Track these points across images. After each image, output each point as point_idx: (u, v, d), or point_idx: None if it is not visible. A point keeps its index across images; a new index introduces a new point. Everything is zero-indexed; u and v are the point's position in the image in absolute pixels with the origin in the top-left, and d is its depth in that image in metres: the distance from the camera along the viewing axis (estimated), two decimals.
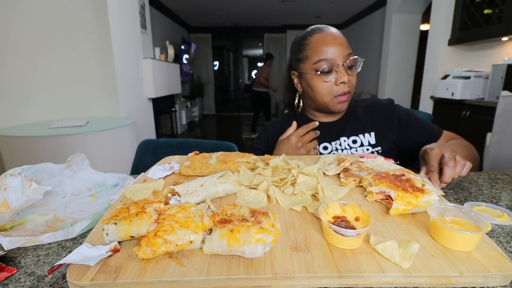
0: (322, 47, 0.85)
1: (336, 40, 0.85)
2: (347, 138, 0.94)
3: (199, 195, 0.52)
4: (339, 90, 0.86)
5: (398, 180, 0.53)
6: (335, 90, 0.87)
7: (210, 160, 0.67)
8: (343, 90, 0.86)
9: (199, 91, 8.00)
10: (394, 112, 0.95)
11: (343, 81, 0.85)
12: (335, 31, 0.88)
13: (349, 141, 0.94)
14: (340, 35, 0.87)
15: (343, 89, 0.86)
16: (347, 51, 0.85)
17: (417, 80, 4.37)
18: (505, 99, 1.83)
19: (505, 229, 0.50)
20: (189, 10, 6.20)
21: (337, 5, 5.89)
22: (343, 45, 0.85)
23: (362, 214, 0.43)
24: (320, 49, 0.85)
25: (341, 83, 0.85)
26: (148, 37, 3.80)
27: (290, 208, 0.50)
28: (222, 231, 0.38)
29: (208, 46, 8.26)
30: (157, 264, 0.36)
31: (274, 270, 0.35)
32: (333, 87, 0.86)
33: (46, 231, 0.51)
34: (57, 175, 0.68)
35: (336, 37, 0.86)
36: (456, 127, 2.96)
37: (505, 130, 1.83)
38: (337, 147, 0.94)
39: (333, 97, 0.88)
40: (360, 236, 0.39)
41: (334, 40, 0.85)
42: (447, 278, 0.35)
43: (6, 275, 0.39)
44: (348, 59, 0.85)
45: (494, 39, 2.84)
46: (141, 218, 0.40)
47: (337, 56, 0.84)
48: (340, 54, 0.84)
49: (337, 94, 0.87)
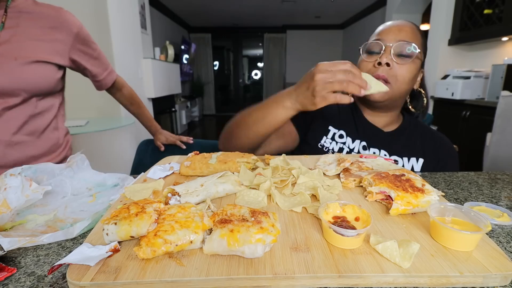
0: (380, 29, 0.82)
1: (397, 24, 0.80)
2: (389, 155, 0.86)
3: (199, 195, 0.52)
4: (375, 72, 0.77)
5: (398, 180, 0.53)
6: (372, 71, 0.78)
7: (210, 160, 0.67)
8: (378, 73, 0.76)
9: (199, 91, 8.00)
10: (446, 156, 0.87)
11: (380, 61, 0.76)
12: (404, 21, 0.83)
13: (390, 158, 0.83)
14: (405, 23, 0.81)
15: (378, 72, 0.77)
16: (405, 37, 0.77)
17: None
18: (505, 99, 1.83)
19: (505, 229, 0.50)
20: (189, 10, 6.21)
21: (337, 5, 5.89)
22: (403, 31, 0.78)
23: (362, 214, 0.43)
24: (378, 31, 0.82)
25: (378, 64, 0.77)
26: (148, 37, 3.80)
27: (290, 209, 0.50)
28: (222, 231, 0.38)
29: (208, 46, 8.26)
30: (157, 264, 0.36)
31: (274, 270, 0.35)
32: (371, 69, 0.79)
33: (46, 231, 0.51)
34: (57, 175, 0.68)
35: (400, 22, 0.81)
36: (456, 127, 2.96)
37: (505, 130, 1.83)
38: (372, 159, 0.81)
39: None
40: (360, 236, 0.39)
41: (396, 24, 0.80)
42: (447, 278, 0.35)
43: (6, 275, 0.39)
44: (398, 44, 0.76)
45: (494, 39, 2.84)
46: (141, 218, 0.40)
47: (388, 38, 0.78)
48: (392, 38, 0.77)
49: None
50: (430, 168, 0.86)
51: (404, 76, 0.78)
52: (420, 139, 0.89)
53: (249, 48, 9.45)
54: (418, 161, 0.86)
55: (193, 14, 6.62)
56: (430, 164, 0.86)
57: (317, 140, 0.91)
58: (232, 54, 9.02)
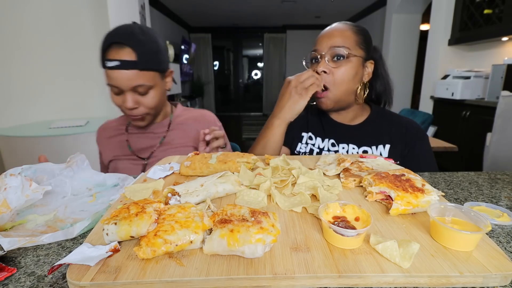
0: (316, 39, 0.89)
1: (327, 32, 0.87)
2: (357, 147, 0.92)
3: (199, 195, 0.52)
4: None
5: (398, 180, 0.52)
6: None
7: (210, 160, 0.67)
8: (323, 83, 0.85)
9: (199, 91, 8.00)
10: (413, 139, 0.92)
11: (317, 70, 0.84)
12: (336, 24, 0.89)
13: (359, 150, 0.91)
14: (336, 27, 0.87)
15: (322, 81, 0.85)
16: (336, 43, 0.84)
17: (417, 80, 4.37)
18: (505, 99, 1.83)
19: (505, 229, 0.50)
20: (189, 10, 6.20)
21: (337, 5, 5.89)
22: (332, 37, 0.84)
23: (362, 214, 0.43)
24: (315, 41, 0.89)
25: (316, 72, 0.85)
26: None
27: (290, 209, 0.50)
28: (222, 231, 0.38)
29: (208, 46, 8.26)
30: (157, 264, 0.36)
31: (274, 270, 0.35)
32: None
33: (46, 231, 0.51)
34: (57, 175, 0.68)
35: (330, 29, 0.88)
36: (456, 127, 2.96)
37: (505, 130, 1.83)
38: (343, 152, 0.92)
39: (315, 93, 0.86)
40: (360, 236, 0.39)
41: (326, 32, 0.87)
42: (447, 278, 0.35)
43: (6, 275, 0.39)
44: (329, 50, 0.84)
45: (494, 39, 2.84)
46: (141, 218, 0.40)
47: (321, 47, 0.85)
48: (324, 46, 0.85)
49: None
50: (398, 153, 0.91)
51: (342, 77, 0.85)
52: (387, 127, 0.94)
53: (249, 48, 9.45)
54: (384, 147, 0.91)
55: (193, 14, 6.62)
56: (397, 149, 0.91)
57: (295, 147, 1.00)
58: (232, 54, 9.01)
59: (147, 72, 0.87)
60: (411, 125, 0.94)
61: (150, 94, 0.91)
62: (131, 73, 0.84)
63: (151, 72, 0.88)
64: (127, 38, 0.85)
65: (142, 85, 0.87)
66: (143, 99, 0.90)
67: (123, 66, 0.83)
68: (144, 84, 0.87)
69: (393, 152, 0.91)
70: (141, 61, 0.85)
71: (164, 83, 0.98)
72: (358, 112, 0.97)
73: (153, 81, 0.90)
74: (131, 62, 0.84)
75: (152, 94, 0.91)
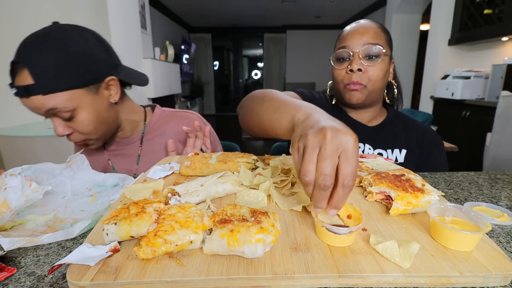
0: (343, 35, 0.86)
1: (359, 29, 0.84)
2: (373, 148, 0.91)
3: (199, 195, 0.52)
4: (349, 79, 0.84)
5: (398, 180, 0.53)
6: (346, 78, 0.85)
7: (210, 160, 0.67)
8: (352, 80, 0.84)
9: (199, 91, 8.00)
10: (430, 146, 0.92)
11: (352, 69, 0.83)
12: (364, 21, 0.87)
13: (374, 151, 0.90)
14: (366, 25, 0.85)
15: (352, 79, 0.84)
16: (369, 40, 0.82)
17: (417, 80, 4.37)
18: (505, 99, 1.83)
19: (505, 229, 0.50)
20: (189, 10, 6.21)
21: (337, 5, 5.89)
22: (365, 34, 0.83)
23: (354, 212, 0.43)
24: (342, 38, 0.86)
25: (350, 71, 0.83)
26: (148, 37, 3.80)
27: (290, 209, 0.50)
28: (222, 231, 0.38)
29: (208, 46, 8.26)
30: (157, 264, 0.36)
31: (274, 270, 0.35)
32: (345, 76, 0.85)
33: (46, 231, 0.51)
34: (57, 175, 0.68)
35: (361, 26, 0.85)
36: (456, 127, 2.96)
37: (505, 130, 1.83)
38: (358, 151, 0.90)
39: (344, 86, 0.86)
40: (352, 233, 0.39)
41: (357, 29, 0.84)
42: (447, 278, 0.35)
43: (6, 275, 0.39)
44: (364, 48, 0.82)
45: (494, 39, 2.84)
46: (141, 218, 0.40)
47: (353, 44, 0.83)
48: (358, 43, 0.82)
49: (347, 83, 0.85)
50: (414, 158, 0.91)
51: (377, 75, 0.84)
52: (404, 131, 0.94)
53: (249, 48, 9.46)
54: (401, 152, 0.91)
55: (193, 14, 6.62)
56: (413, 155, 0.91)
57: None
58: (232, 54, 9.02)
59: (58, 94, 0.69)
60: (428, 131, 0.94)
61: (78, 118, 0.73)
62: (35, 99, 0.68)
63: (65, 92, 0.69)
64: (22, 55, 0.67)
65: (55, 109, 0.70)
66: (72, 125, 0.74)
67: (19, 94, 0.68)
68: (56, 108, 0.69)
69: (409, 158, 0.90)
70: (40, 83, 0.66)
71: (101, 97, 0.77)
72: (377, 113, 0.97)
73: (74, 101, 0.71)
74: (27, 88, 0.66)
75: (81, 117, 0.73)
